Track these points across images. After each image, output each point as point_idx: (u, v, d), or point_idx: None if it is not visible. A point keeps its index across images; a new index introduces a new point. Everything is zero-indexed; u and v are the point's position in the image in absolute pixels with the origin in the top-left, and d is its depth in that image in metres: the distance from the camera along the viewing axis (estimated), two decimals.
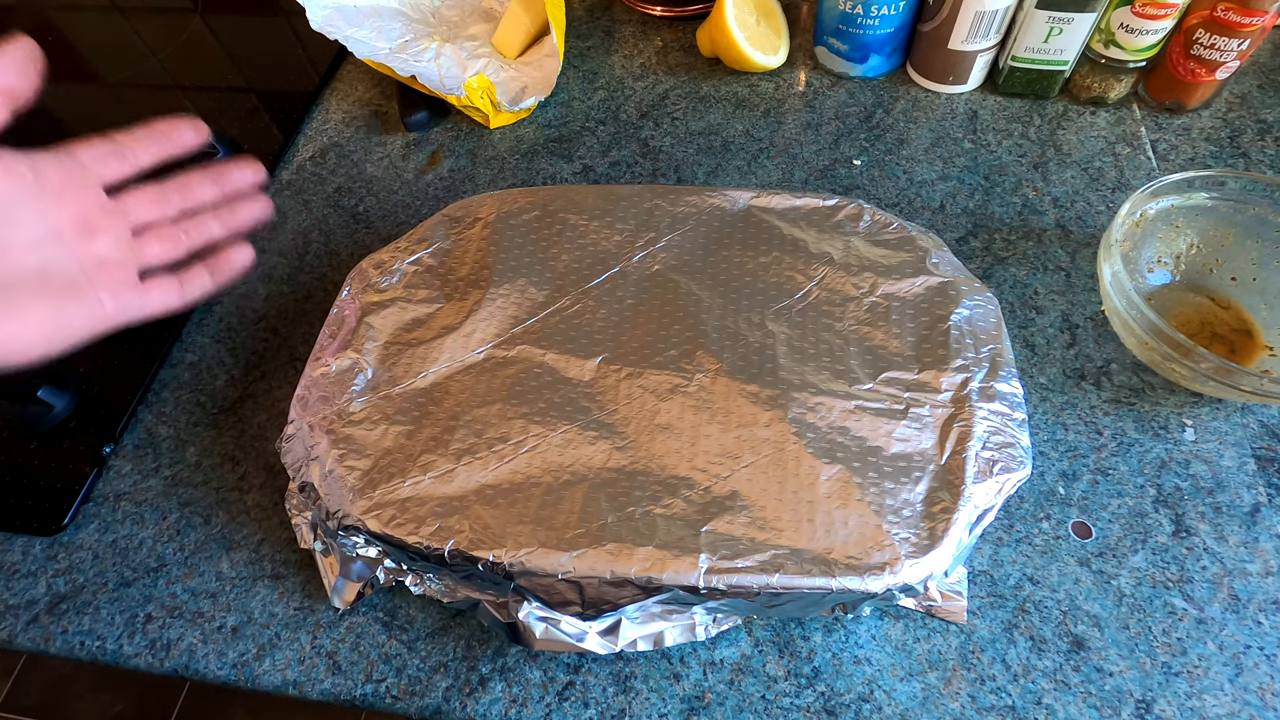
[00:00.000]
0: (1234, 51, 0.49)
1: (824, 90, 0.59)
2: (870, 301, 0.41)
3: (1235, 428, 0.41)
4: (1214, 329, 0.44)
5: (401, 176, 0.56)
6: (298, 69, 0.64)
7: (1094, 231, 0.49)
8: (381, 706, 0.37)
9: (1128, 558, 0.38)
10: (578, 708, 0.36)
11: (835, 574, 0.33)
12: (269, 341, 0.49)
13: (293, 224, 0.54)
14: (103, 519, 0.43)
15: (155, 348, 0.48)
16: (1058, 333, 0.45)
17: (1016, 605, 0.37)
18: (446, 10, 0.65)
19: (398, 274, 0.44)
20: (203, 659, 0.38)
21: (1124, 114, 0.55)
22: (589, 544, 0.34)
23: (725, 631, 0.37)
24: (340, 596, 0.38)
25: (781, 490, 0.35)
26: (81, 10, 0.73)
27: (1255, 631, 0.36)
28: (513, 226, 0.45)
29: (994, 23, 0.52)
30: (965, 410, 0.37)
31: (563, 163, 0.56)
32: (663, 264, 0.43)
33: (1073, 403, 0.43)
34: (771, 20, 0.60)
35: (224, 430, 0.45)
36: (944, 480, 0.35)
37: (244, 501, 0.43)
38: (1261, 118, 0.54)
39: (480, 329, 0.41)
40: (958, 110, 0.57)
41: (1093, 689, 0.35)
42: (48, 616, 0.40)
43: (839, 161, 0.54)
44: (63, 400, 0.45)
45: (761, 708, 0.35)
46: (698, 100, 0.59)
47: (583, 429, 0.37)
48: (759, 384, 0.38)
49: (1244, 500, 0.39)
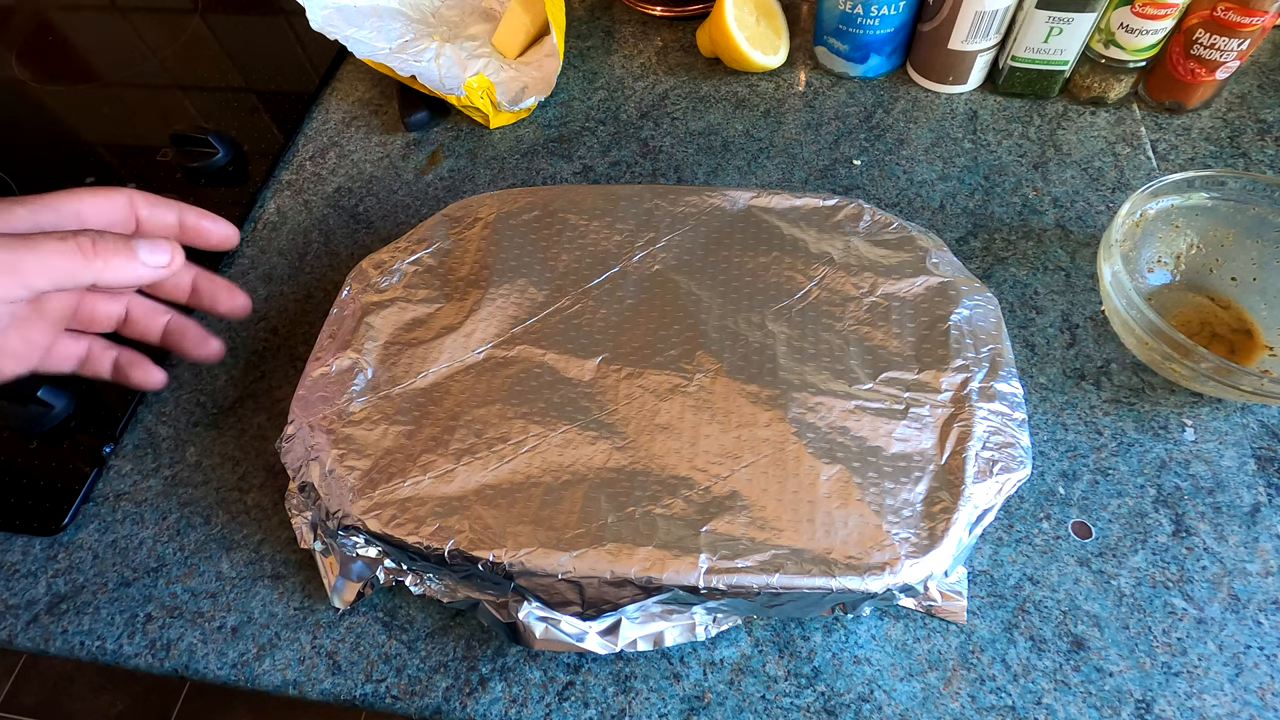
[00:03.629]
0: (1234, 51, 0.49)
1: (824, 90, 0.59)
2: (870, 301, 0.41)
3: (1235, 428, 0.41)
4: (1214, 329, 0.44)
5: (401, 176, 0.56)
6: (298, 69, 0.64)
7: (1094, 231, 0.49)
8: (381, 706, 0.37)
9: (1128, 558, 0.38)
10: (578, 708, 0.36)
11: (835, 574, 0.33)
12: (269, 341, 0.49)
13: (293, 224, 0.54)
14: (103, 519, 0.43)
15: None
16: (1058, 333, 0.45)
17: (1016, 605, 0.37)
18: (446, 10, 0.65)
19: (398, 274, 0.44)
20: (203, 659, 0.38)
21: (1124, 114, 0.55)
22: (589, 544, 0.34)
23: (725, 631, 0.37)
24: (340, 596, 0.38)
25: (781, 490, 0.35)
26: (81, 10, 0.73)
27: (1255, 631, 0.36)
28: (513, 226, 0.45)
29: (994, 23, 0.52)
30: (965, 410, 0.37)
31: (563, 163, 0.56)
32: (663, 264, 0.43)
33: (1073, 403, 0.43)
34: (771, 20, 0.60)
35: (224, 430, 0.45)
36: (944, 480, 0.35)
37: (244, 501, 0.43)
38: (1261, 118, 0.54)
39: (480, 329, 0.41)
40: (958, 110, 0.57)
41: (1093, 689, 0.35)
42: (48, 616, 0.40)
43: (839, 161, 0.54)
44: (63, 400, 0.45)
45: (761, 708, 0.35)
46: (698, 100, 0.59)
47: (583, 429, 0.37)
48: (759, 384, 0.38)
49: (1244, 500, 0.39)
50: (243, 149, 0.58)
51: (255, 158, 0.58)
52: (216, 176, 0.57)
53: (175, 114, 0.62)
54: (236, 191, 0.56)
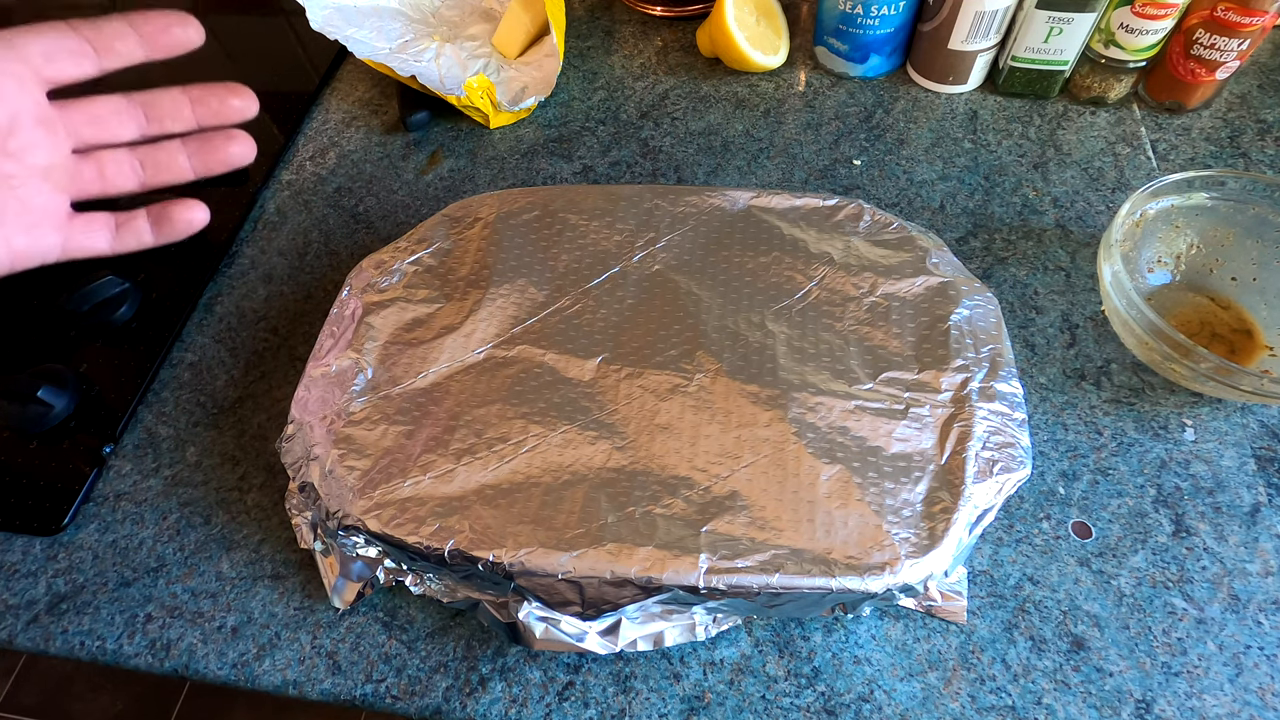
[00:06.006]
0: (1234, 51, 0.49)
1: (824, 90, 0.59)
2: (870, 301, 0.41)
3: (1235, 428, 0.41)
4: (1214, 329, 0.44)
5: (401, 176, 0.56)
6: (298, 69, 0.64)
7: (1094, 231, 0.49)
8: (381, 706, 0.37)
9: (1128, 558, 0.38)
10: (578, 708, 0.36)
11: (835, 574, 0.33)
12: (269, 341, 0.49)
13: (293, 224, 0.54)
14: (103, 519, 0.43)
15: (155, 348, 0.48)
16: (1058, 333, 0.45)
17: (1016, 605, 0.37)
18: (446, 10, 0.65)
19: (398, 274, 0.44)
20: (203, 659, 0.38)
21: (1124, 114, 0.55)
22: (589, 544, 0.34)
23: (725, 631, 0.37)
24: (340, 596, 0.38)
25: (781, 490, 0.35)
26: (82, 10, 0.73)
27: (1255, 631, 0.36)
28: (513, 226, 0.45)
29: (994, 23, 0.52)
30: (965, 410, 0.37)
31: (563, 163, 0.56)
32: (663, 264, 0.43)
33: (1073, 403, 0.43)
34: (771, 20, 0.60)
35: (224, 430, 0.45)
36: (944, 480, 0.35)
37: (244, 501, 0.43)
38: (1261, 118, 0.54)
39: (480, 329, 0.41)
40: (958, 110, 0.57)
41: (1093, 689, 0.35)
42: (48, 616, 0.40)
43: (839, 161, 0.54)
44: (63, 400, 0.45)
45: (761, 708, 0.35)
46: (698, 100, 0.59)
47: (583, 429, 0.37)
48: (759, 384, 0.38)
49: (1244, 500, 0.39)
50: None
51: (255, 158, 0.58)
52: (217, 176, 0.57)
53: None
54: (236, 191, 0.56)
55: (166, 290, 0.51)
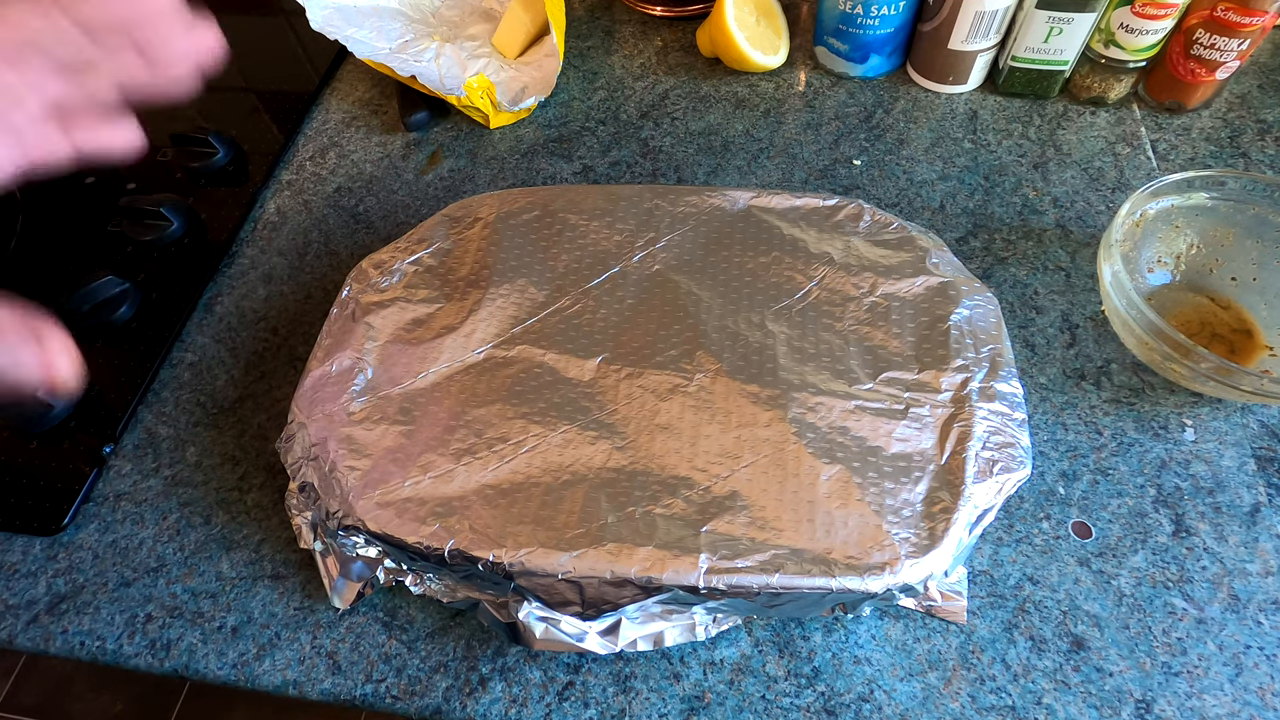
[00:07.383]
0: (1234, 51, 0.49)
1: (824, 90, 0.59)
2: (870, 301, 0.41)
3: (1235, 428, 0.41)
4: (1214, 329, 0.44)
5: (401, 176, 0.56)
6: (298, 69, 0.64)
7: (1094, 231, 0.49)
8: (381, 706, 0.37)
9: (1128, 558, 0.38)
10: (578, 708, 0.36)
11: (835, 574, 0.33)
12: (269, 341, 0.49)
13: (293, 224, 0.54)
14: (103, 519, 0.42)
15: (155, 348, 0.48)
16: (1058, 333, 0.45)
17: (1016, 605, 0.37)
18: (446, 10, 0.65)
19: (398, 274, 0.44)
20: (203, 659, 0.38)
21: (1124, 114, 0.55)
22: (589, 544, 0.34)
23: (725, 631, 0.37)
24: (340, 596, 0.38)
25: (781, 490, 0.35)
26: None
27: (1255, 631, 0.36)
28: (513, 226, 0.45)
29: (994, 23, 0.52)
30: (965, 410, 0.37)
31: (563, 163, 0.56)
32: (663, 264, 0.43)
33: (1073, 403, 0.43)
34: (771, 20, 0.60)
35: (224, 430, 0.45)
36: (944, 480, 0.35)
37: (244, 501, 0.43)
38: (1261, 118, 0.54)
39: (480, 329, 0.41)
40: (958, 110, 0.57)
41: (1093, 689, 0.35)
42: (48, 616, 0.40)
43: (839, 161, 0.54)
44: (63, 400, 0.45)
45: (761, 708, 0.35)
46: (698, 100, 0.59)
47: (583, 429, 0.37)
48: (759, 384, 0.38)
49: (1244, 500, 0.39)
50: (243, 149, 0.58)
51: (255, 158, 0.58)
52: (217, 176, 0.57)
53: (175, 114, 0.62)
54: (237, 191, 0.56)
55: (166, 290, 0.51)
